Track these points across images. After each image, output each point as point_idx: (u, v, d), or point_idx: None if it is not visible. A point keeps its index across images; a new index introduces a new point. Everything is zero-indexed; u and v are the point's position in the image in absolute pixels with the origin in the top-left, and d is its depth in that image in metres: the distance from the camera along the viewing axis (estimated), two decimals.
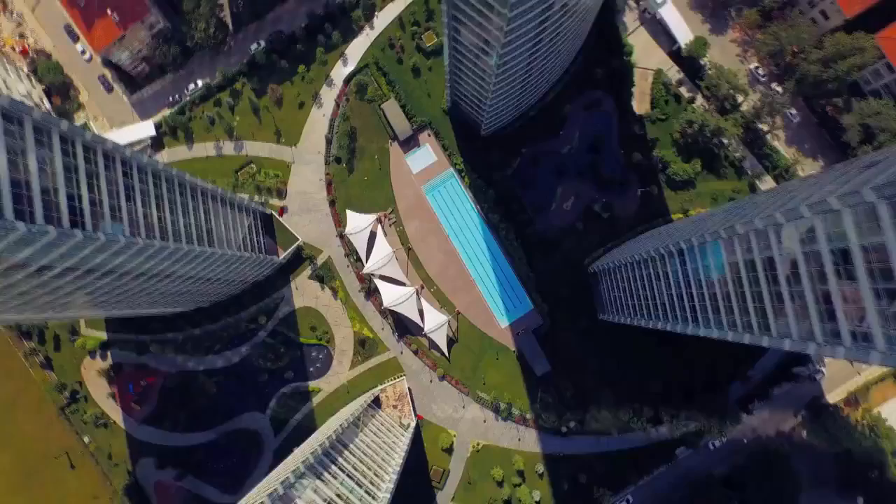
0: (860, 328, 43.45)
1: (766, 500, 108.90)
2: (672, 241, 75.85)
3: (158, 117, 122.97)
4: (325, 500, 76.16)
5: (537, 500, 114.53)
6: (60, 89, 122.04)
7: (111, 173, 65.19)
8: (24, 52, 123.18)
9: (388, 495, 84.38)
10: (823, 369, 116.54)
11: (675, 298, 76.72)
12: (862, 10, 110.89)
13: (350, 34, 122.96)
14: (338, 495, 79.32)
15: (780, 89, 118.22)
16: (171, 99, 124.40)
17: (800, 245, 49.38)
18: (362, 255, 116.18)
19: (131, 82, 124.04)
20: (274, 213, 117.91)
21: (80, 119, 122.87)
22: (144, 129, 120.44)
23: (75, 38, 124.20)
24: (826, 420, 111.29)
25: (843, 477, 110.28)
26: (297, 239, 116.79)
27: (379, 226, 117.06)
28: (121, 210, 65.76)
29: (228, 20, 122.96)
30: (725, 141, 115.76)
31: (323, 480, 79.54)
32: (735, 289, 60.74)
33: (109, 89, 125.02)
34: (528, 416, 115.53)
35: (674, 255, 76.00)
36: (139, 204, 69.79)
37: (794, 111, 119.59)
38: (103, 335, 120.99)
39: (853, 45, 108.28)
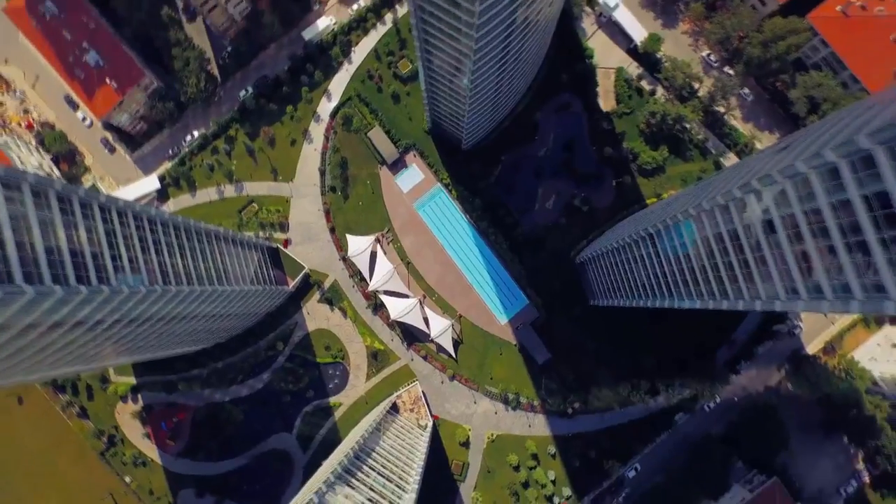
0: (792, 284, 52.24)
1: (761, 451, 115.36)
2: (643, 228, 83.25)
3: (161, 170, 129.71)
4: (362, 497, 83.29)
5: (552, 479, 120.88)
6: (67, 156, 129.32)
7: (142, 232, 72.32)
8: (29, 127, 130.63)
9: (416, 486, 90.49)
10: (801, 324, 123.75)
11: (653, 277, 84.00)
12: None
13: (331, 71, 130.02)
14: (371, 490, 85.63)
15: (731, 72, 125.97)
16: (170, 152, 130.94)
17: (739, 219, 57.44)
18: (366, 275, 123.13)
19: (131, 141, 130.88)
20: (279, 246, 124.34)
21: (87, 181, 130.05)
22: (150, 184, 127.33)
23: (75, 107, 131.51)
24: (807, 370, 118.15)
25: (827, 419, 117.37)
26: (304, 267, 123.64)
27: (378, 245, 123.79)
28: (152, 262, 72.79)
29: (216, 72, 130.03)
30: (688, 126, 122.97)
31: (357, 480, 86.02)
32: (698, 263, 68.58)
33: (112, 150, 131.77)
34: (536, 402, 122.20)
35: (647, 239, 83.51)
36: (166, 255, 76.93)
37: (746, 91, 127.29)
38: (132, 380, 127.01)
39: (787, 28, 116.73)
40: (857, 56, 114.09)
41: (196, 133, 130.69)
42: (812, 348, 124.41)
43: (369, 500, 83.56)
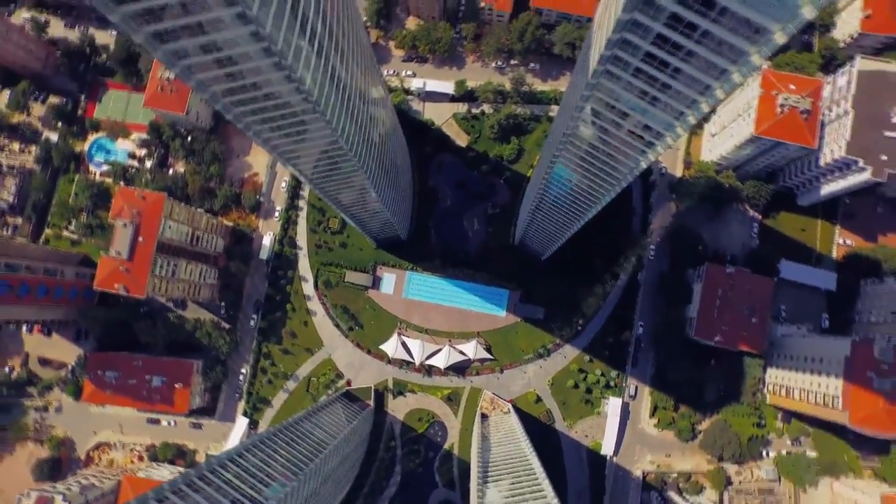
0: (643, 144, 52.51)
1: (692, 255, 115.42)
2: (536, 192, 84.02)
3: (240, 410, 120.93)
4: (506, 484, 73.65)
5: (600, 374, 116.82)
6: (177, 454, 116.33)
7: (258, 455, 66.09)
8: (140, 459, 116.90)
9: (532, 450, 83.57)
10: (662, 164, 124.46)
11: (563, 217, 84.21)
12: (512, 4, 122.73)
13: (293, 263, 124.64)
14: (507, 476, 78.58)
15: (516, 62, 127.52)
16: (237, 395, 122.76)
17: (586, 132, 58.58)
18: (409, 359, 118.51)
19: (206, 410, 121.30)
20: (346, 388, 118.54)
21: (201, 457, 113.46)
22: (241, 425, 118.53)
23: (157, 422, 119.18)
24: (682, 188, 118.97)
25: (713, 205, 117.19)
26: (371, 387, 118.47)
27: (401, 336, 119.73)
28: (278, 468, 65.75)
29: (226, 325, 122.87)
30: (516, 114, 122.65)
31: (495, 477, 79.43)
32: (578, 181, 66.42)
33: (199, 427, 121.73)
34: (557, 341, 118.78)
35: (540, 198, 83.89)
36: (282, 455, 70.16)
37: (532, 64, 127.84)
38: None
39: (524, 21, 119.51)
40: (570, 4, 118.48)
41: (244, 370, 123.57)
42: (678, 172, 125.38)
43: (511, 483, 73.76)
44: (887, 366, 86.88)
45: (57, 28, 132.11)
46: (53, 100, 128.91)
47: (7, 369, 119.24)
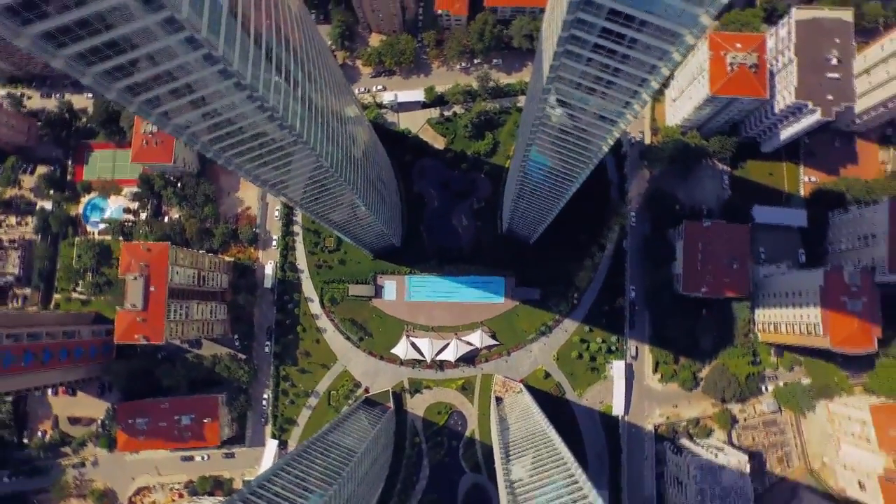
0: (612, 119, 56.60)
1: (670, 216, 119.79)
2: (515, 181, 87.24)
3: (268, 434, 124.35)
4: (529, 458, 77.56)
5: (602, 341, 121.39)
6: (215, 485, 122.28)
7: (295, 471, 69.74)
8: (180, 496, 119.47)
9: (547, 423, 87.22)
10: (632, 135, 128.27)
11: (545, 200, 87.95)
12: (468, 7, 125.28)
13: (298, 287, 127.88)
14: (528, 451, 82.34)
15: (478, 61, 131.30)
16: (262, 420, 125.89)
17: (555, 119, 62.09)
18: (420, 357, 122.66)
19: (236, 439, 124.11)
20: (366, 395, 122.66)
21: (238, 484, 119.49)
22: (272, 448, 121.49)
23: (191, 459, 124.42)
24: (652, 154, 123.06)
25: (677, 165, 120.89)
26: (388, 390, 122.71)
27: (410, 338, 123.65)
28: (314, 479, 69.07)
29: (242, 355, 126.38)
30: (487, 109, 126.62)
31: (516, 456, 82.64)
32: (554, 163, 71.67)
33: (232, 456, 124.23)
34: (556, 317, 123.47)
35: (521, 186, 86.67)
36: (317, 466, 74.03)
37: (496, 60, 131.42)
38: None
39: (481, 21, 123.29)
40: None
41: (266, 395, 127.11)
42: (647, 139, 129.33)
43: (533, 457, 79.31)
44: (857, 288, 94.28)
45: (34, 100, 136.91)
46: (42, 169, 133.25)
47: (40, 433, 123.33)
